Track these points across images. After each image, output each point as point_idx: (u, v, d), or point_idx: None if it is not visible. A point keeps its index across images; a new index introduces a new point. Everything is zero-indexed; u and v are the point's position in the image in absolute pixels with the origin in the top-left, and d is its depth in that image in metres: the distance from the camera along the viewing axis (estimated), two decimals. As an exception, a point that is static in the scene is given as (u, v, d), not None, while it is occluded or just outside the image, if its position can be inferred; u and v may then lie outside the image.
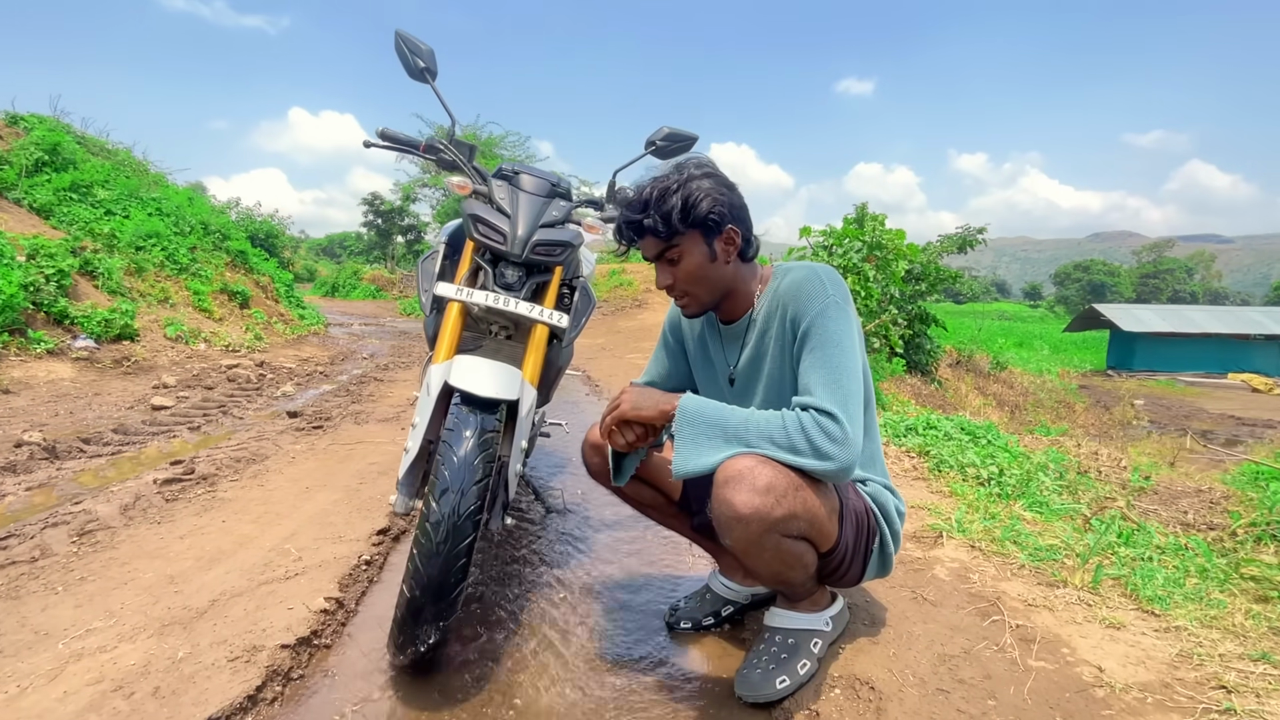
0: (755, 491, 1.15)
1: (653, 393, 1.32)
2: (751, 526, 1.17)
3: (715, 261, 1.33)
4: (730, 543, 1.22)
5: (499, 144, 22.37)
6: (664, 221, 1.28)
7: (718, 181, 1.31)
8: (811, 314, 1.28)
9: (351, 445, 3.33)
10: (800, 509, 1.19)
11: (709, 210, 1.27)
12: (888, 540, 1.41)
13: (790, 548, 1.25)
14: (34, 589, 1.68)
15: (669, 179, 1.30)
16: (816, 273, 1.32)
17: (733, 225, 1.32)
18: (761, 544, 1.21)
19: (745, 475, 1.16)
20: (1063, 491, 2.75)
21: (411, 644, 1.32)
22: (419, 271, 1.96)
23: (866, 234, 6.33)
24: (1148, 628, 1.51)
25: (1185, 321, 22.81)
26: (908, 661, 1.39)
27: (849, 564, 1.36)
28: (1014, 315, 48.69)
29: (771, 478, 1.16)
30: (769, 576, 1.33)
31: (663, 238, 1.31)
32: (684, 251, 1.32)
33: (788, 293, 1.34)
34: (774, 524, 1.18)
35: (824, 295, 1.29)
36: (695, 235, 1.31)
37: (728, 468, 1.18)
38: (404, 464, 1.52)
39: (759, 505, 1.15)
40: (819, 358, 1.25)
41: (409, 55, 1.81)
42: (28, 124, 7.64)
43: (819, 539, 1.28)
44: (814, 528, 1.24)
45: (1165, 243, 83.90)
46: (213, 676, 1.34)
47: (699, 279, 1.35)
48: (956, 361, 12.44)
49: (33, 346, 4.50)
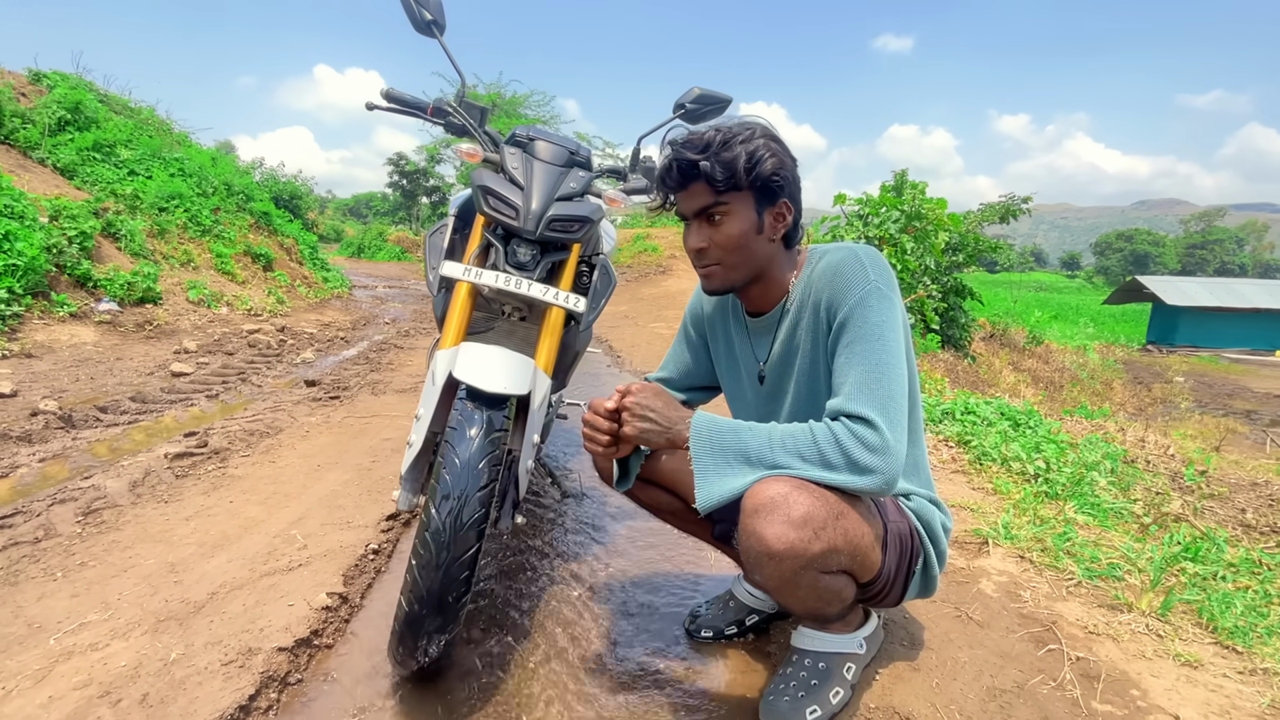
0: (790, 524, 1.00)
1: (659, 411, 1.15)
2: (785, 564, 1.02)
3: (760, 234, 1.17)
4: (760, 579, 1.08)
5: (523, 104, 21.89)
6: (723, 169, 1.11)
7: (784, 150, 1.16)
8: (850, 302, 1.11)
9: (367, 418, 3.26)
10: (842, 542, 1.04)
11: (772, 172, 1.12)
12: (932, 561, 1.25)
13: (829, 584, 1.10)
14: (34, 574, 1.63)
15: (735, 129, 1.13)
16: (856, 255, 1.15)
17: (787, 200, 1.17)
18: (797, 582, 1.06)
19: (778, 504, 1.01)
20: (1114, 487, 2.56)
21: (411, 657, 1.22)
22: (426, 246, 1.82)
23: (905, 203, 6.00)
24: (1230, 668, 1.35)
25: (1233, 295, 21.79)
26: (953, 694, 1.26)
27: (889, 589, 1.22)
28: (1050, 286, 47.14)
29: (810, 507, 1.01)
30: (803, 609, 1.19)
31: (716, 189, 1.13)
32: (730, 212, 1.15)
33: (823, 277, 1.17)
34: (811, 560, 1.02)
35: (864, 281, 1.12)
36: (748, 198, 1.15)
37: (757, 494, 1.03)
38: (407, 458, 1.41)
39: (795, 540, 1.00)
40: (857, 353, 1.09)
41: (415, 7, 1.64)
42: (50, 81, 7.59)
43: (860, 571, 1.13)
44: (856, 560, 1.09)
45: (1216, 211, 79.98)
46: (204, 683, 1.26)
47: (737, 248, 1.17)
48: (990, 335, 12.04)
49: (56, 309, 4.50)
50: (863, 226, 5.80)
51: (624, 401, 1.16)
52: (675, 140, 1.17)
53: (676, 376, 1.51)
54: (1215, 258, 67.27)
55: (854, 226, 5.87)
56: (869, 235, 5.63)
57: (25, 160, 6.29)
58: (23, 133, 6.46)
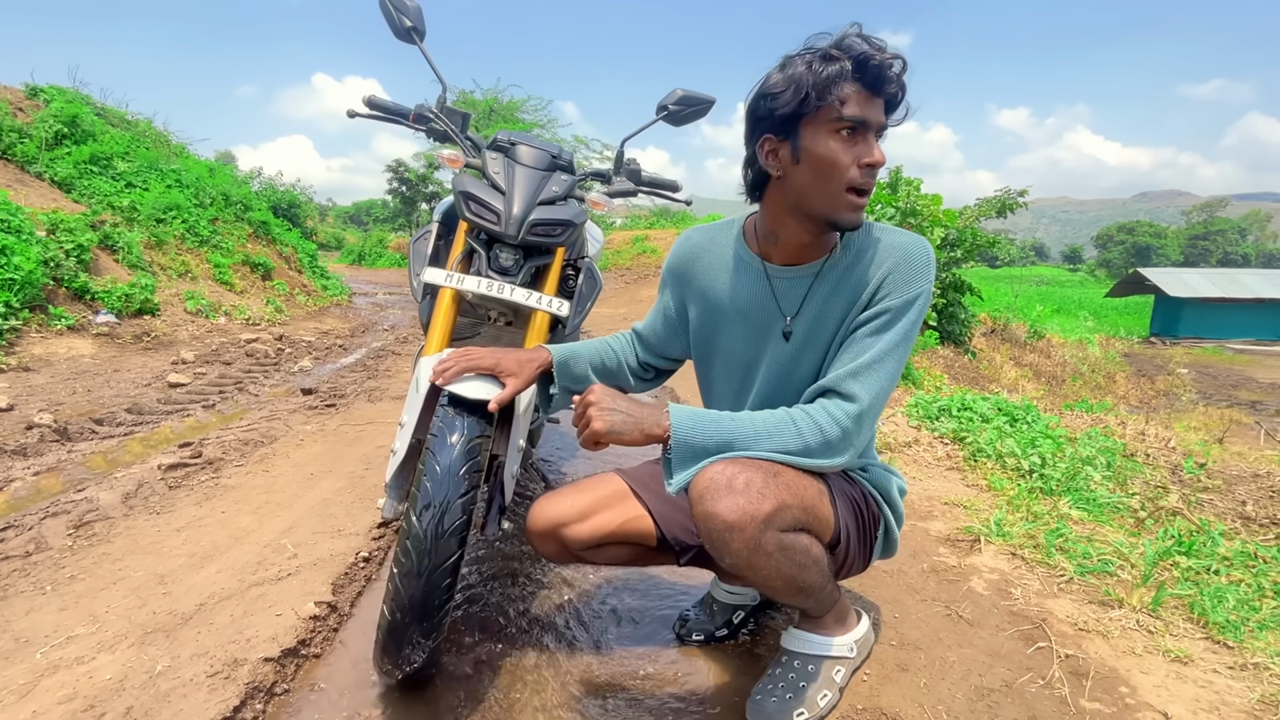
0: (735, 492, 1.03)
1: (630, 405, 1.11)
2: (747, 531, 1.03)
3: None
4: (731, 560, 1.07)
5: (520, 108, 21.90)
6: (903, 90, 1.07)
7: None
8: (906, 295, 1.12)
9: (362, 426, 3.26)
10: (788, 495, 1.06)
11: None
12: (892, 524, 1.30)
13: (794, 542, 1.10)
14: (23, 588, 1.63)
15: None
16: (926, 250, 1.15)
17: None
18: (763, 547, 1.06)
19: (718, 482, 1.04)
20: (1110, 481, 2.55)
21: (396, 666, 1.22)
22: (410, 252, 1.82)
23: (900, 200, 5.98)
24: (1220, 663, 1.33)
25: (1237, 286, 21.70)
26: (940, 694, 1.25)
27: (854, 553, 1.24)
28: (1052, 280, 46.97)
29: (747, 475, 1.04)
30: (785, 586, 1.15)
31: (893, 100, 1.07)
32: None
33: (891, 252, 1.14)
34: (767, 519, 1.04)
35: (925, 280, 1.13)
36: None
37: (697, 483, 1.06)
38: (391, 466, 1.41)
39: (744, 505, 1.02)
40: (887, 341, 1.11)
41: (394, 14, 1.65)
42: (47, 96, 7.62)
43: (818, 526, 1.14)
44: (808, 513, 1.11)
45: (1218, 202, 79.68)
46: (189, 695, 1.26)
47: None
48: (991, 330, 12.00)
49: (53, 323, 4.52)
50: (858, 224, 5.79)
51: (586, 398, 1.12)
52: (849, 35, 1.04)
53: (651, 338, 1.47)
54: (1218, 248, 66.99)
55: (849, 224, 5.86)
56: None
57: (22, 175, 6.32)
58: (20, 147, 6.49)
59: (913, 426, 3.27)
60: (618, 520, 1.36)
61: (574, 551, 1.38)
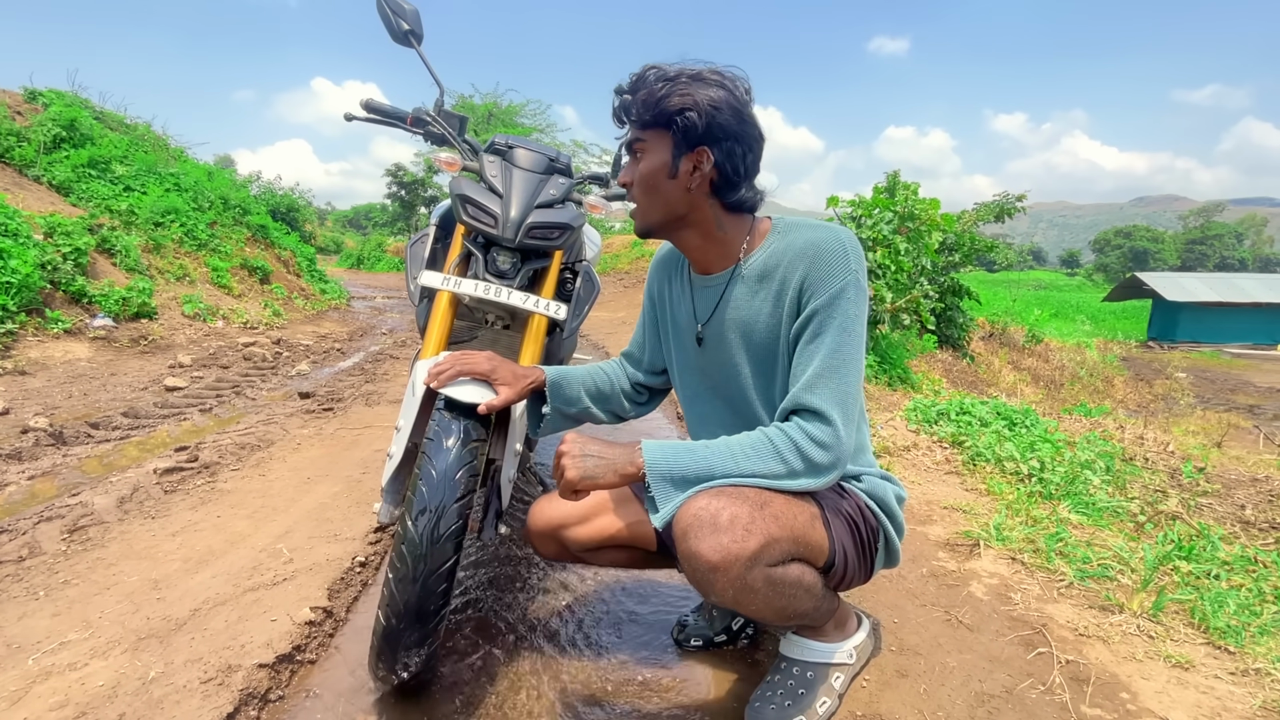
0: (719, 531, 0.98)
1: (603, 447, 1.09)
2: (732, 571, 0.99)
3: (674, 179, 1.12)
4: (716, 598, 1.04)
5: (519, 112, 21.97)
6: (634, 107, 1.11)
7: (724, 97, 1.07)
8: (830, 290, 1.08)
9: (359, 430, 3.25)
10: (776, 528, 1.02)
11: (679, 110, 1.06)
12: (892, 534, 1.24)
13: (783, 575, 1.07)
14: (16, 593, 1.61)
15: (672, 69, 1.10)
16: (840, 239, 1.11)
17: (706, 147, 1.08)
18: (750, 585, 1.02)
19: (702, 519, 0.99)
20: (1109, 485, 2.54)
21: (391, 672, 1.21)
22: (407, 256, 1.81)
23: (898, 204, 5.99)
24: (1221, 669, 1.32)
25: (1234, 290, 21.76)
26: (940, 701, 1.24)
27: (853, 569, 1.18)
28: (1050, 284, 47.07)
29: (733, 509, 0.99)
30: (776, 616, 1.13)
31: (630, 124, 1.14)
32: (647, 150, 1.13)
33: (804, 253, 1.12)
34: (752, 558, 1.00)
35: (846, 270, 1.08)
36: (662, 136, 1.11)
37: (680, 519, 1.01)
38: (387, 470, 1.40)
39: (729, 544, 0.98)
40: (827, 346, 1.07)
41: (392, 17, 1.65)
42: (46, 99, 7.62)
43: (810, 553, 1.10)
44: (798, 543, 1.06)
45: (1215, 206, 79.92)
46: (182, 701, 1.25)
47: (650, 189, 1.15)
48: (989, 334, 12.01)
49: (50, 326, 4.50)
50: (855, 228, 5.80)
51: (559, 449, 1.10)
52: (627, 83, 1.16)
53: (638, 353, 1.48)
54: (1215, 253, 67.17)
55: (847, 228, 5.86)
56: (862, 237, 5.62)
57: (20, 178, 6.31)
58: (18, 151, 6.49)
59: (911, 430, 3.27)
60: (618, 524, 1.36)
61: (574, 553, 1.38)
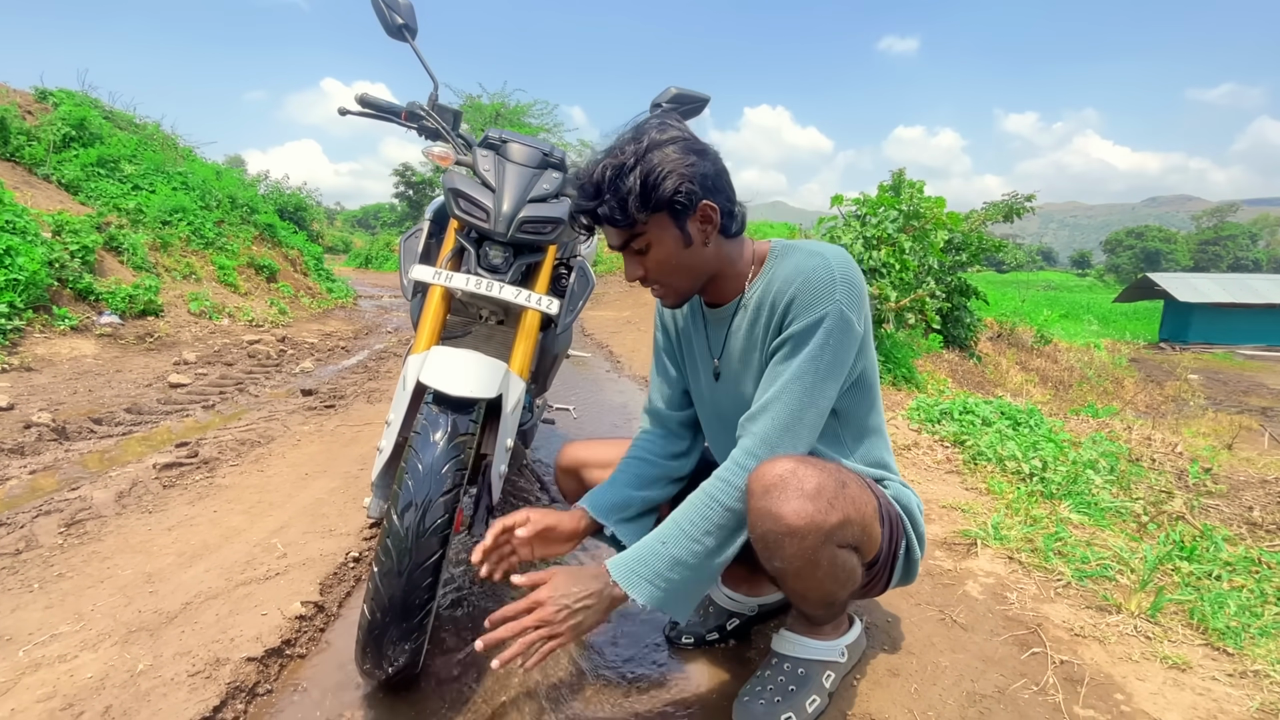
0: (805, 497, 0.98)
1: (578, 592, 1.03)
2: (808, 540, 0.99)
3: (691, 246, 1.09)
4: (780, 564, 1.03)
5: (526, 112, 21.94)
6: (621, 209, 1.04)
7: (684, 147, 1.05)
8: (809, 317, 1.07)
9: (360, 426, 3.26)
10: (853, 511, 1.03)
11: (675, 189, 1.02)
12: (914, 544, 1.23)
13: (845, 560, 1.07)
14: (10, 586, 1.62)
15: (624, 152, 1.04)
16: (829, 267, 1.08)
17: (708, 200, 1.06)
18: (817, 560, 1.02)
19: (788, 480, 1.00)
20: (1113, 486, 2.51)
21: (378, 666, 1.20)
22: (401, 250, 1.81)
23: (903, 202, 5.95)
24: (1219, 670, 1.30)
25: (1248, 291, 21.51)
26: (931, 700, 1.22)
27: (881, 574, 1.19)
28: (1060, 285, 46.69)
29: (820, 479, 1.00)
30: (818, 598, 1.14)
31: (623, 226, 1.07)
32: (651, 240, 1.08)
33: (790, 279, 1.11)
34: (830, 533, 1.00)
35: (829, 299, 1.06)
36: (663, 219, 1.06)
37: (764, 474, 1.01)
38: (377, 464, 1.40)
39: (813, 513, 0.98)
40: (787, 372, 1.07)
41: (386, 11, 1.64)
42: (56, 99, 7.69)
43: (866, 545, 1.11)
44: (865, 532, 1.07)
45: (1228, 207, 79.01)
46: (169, 694, 1.25)
47: (674, 269, 1.11)
48: (998, 335, 11.92)
49: (57, 323, 4.54)
50: (860, 226, 5.76)
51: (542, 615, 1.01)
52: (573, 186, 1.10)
53: (661, 400, 1.43)
54: (1228, 254, 66.42)
55: (851, 227, 5.83)
56: (867, 235, 5.59)
57: (30, 177, 6.37)
58: (28, 149, 6.55)
59: (913, 429, 3.24)
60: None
61: None
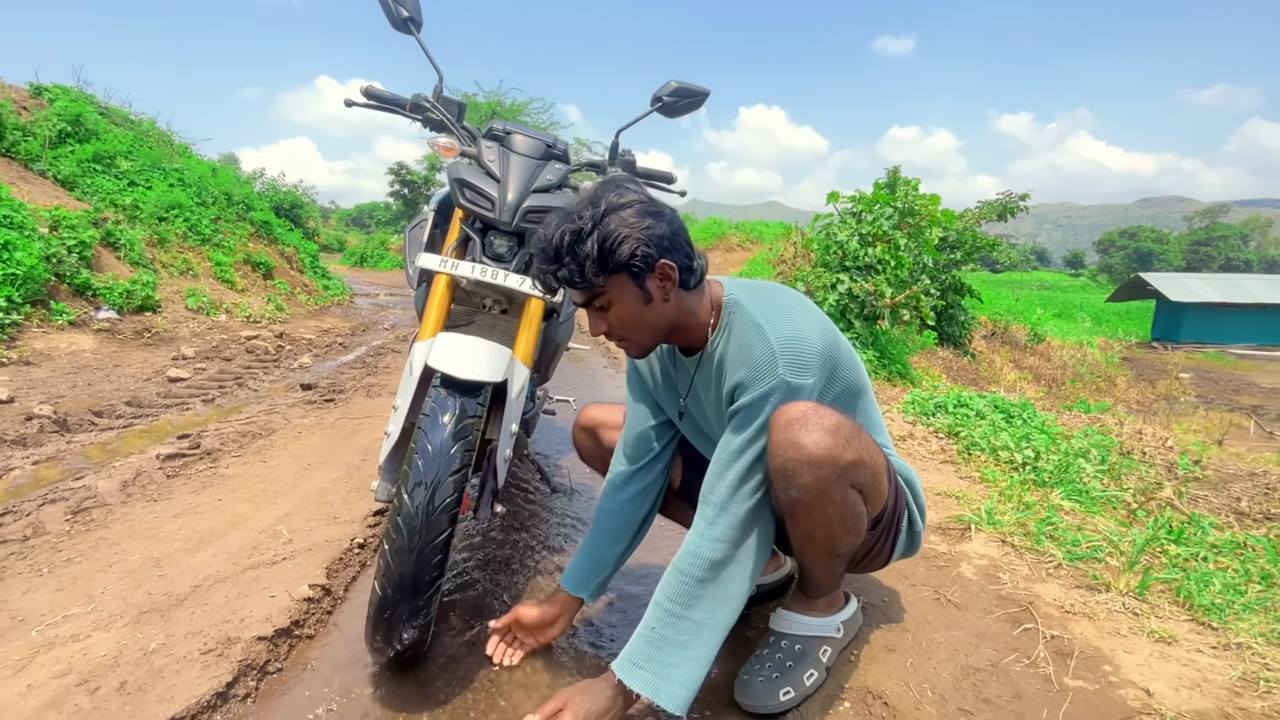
0: (825, 431, 1.05)
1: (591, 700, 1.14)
2: (824, 470, 1.06)
3: (651, 303, 1.13)
4: (796, 493, 1.09)
5: (523, 110, 21.95)
6: (580, 273, 1.08)
7: (640, 210, 1.09)
8: (755, 392, 1.11)
9: (360, 419, 3.28)
10: (866, 454, 1.11)
11: (631, 252, 1.06)
12: (915, 515, 1.31)
13: (855, 502, 1.14)
14: (20, 570, 1.65)
15: (582, 217, 1.07)
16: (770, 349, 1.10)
17: (665, 260, 1.10)
18: (830, 492, 1.09)
19: (810, 416, 1.07)
20: (1104, 476, 2.55)
21: (387, 643, 1.23)
22: (406, 240, 1.84)
23: (898, 199, 6.00)
24: (1204, 643, 1.34)
25: (1239, 291, 21.71)
26: (926, 673, 1.26)
27: (884, 539, 1.27)
28: (1054, 285, 46.95)
29: (837, 418, 1.08)
30: (824, 541, 1.17)
31: (583, 288, 1.11)
32: (613, 299, 1.12)
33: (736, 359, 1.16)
34: (845, 469, 1.07)
35: (773, 374, 1.09)
36: (622, 279, 1.10)
37: (787, 411, 1.08)
38: (385, 448, 1.43)
39: (831, 446, 1.05)
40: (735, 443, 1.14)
41: (392, 5, 1.67)
42: (51, 95, 7.67)
43: (874, 496, 1.18)
44: (874, 480, 1.15)
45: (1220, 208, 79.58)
46: (182, 671, 1.27)
47: (635, 324, 1.16)
48: (992, 333, 12.01)
49: (55, 318, 4.54)
50: (856, 224, 5.81)
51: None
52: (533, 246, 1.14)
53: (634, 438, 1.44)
54: (1220, 254, 66.91)
55: (847, 224, 5.88)
56: (862, 232, 5.64)
57: (26, 172, 6.36)
58: (24, 145, 6.54)
59: (908, 421, 3.28)
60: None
61: (601, 453, 1.53)
